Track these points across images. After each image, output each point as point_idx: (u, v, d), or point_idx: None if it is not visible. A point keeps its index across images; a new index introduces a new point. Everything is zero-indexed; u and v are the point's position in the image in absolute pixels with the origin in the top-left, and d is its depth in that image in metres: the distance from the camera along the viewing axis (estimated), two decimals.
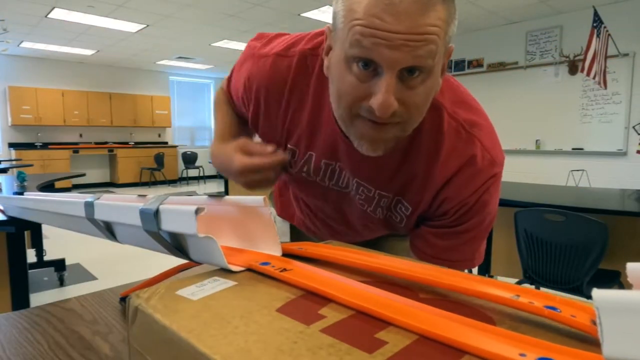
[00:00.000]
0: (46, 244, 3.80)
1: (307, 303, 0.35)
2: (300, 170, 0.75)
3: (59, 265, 3.32)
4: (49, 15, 5.78)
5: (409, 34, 0.49)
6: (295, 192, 0.91)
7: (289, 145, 0.73)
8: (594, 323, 0.29)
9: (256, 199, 0.48)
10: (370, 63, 0.52)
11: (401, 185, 0.69)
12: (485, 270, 2.79)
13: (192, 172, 10.94)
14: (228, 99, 0.90)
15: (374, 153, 0.59)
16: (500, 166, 0.68)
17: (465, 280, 0.37)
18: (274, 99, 0.70)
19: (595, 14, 4.06)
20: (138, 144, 10.16)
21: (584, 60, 4.09)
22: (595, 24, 4.02)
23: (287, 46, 0.70)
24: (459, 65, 6.79)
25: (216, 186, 10.10)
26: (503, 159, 0.69)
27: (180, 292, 0.37)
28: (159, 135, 10.71)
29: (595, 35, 4.00)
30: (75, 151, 9.05)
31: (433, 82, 0.55)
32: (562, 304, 0.32)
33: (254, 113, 0.74)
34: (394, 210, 0.72)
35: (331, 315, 0.32)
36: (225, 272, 0.43)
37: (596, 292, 0.22)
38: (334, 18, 0.56)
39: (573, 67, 5.57)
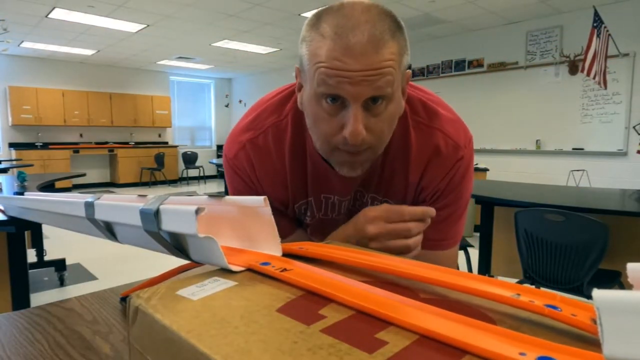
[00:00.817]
0: (46, 244, 3.81)
1: (307, 303, 0.35)
2: (313, 216, 0.82)
3: (59, 265, 3.32)
4: (49, 15, 5.78)
5: (366, 70, 0.57)
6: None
7: (297, 205, 0.81)
8: (594, 322, 0.29)
9: (256, 199, 0.48)
10: (337, 98, 0.60)
11: (386, 186, 0.77)
12: (485, 270, 2.80)
13: (192, 172, 10.95)
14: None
15: (353, 174, 0.68)
16: (465, 148, 0.75)
17: (465, 279, 0.37)
18: (272, 172, 0.77)
19: (596, 14, 4.06)
20: (138, 144, 10.16)
21: (584, 60, 4.09)
22: (595, 24, 4.02)
23: (252, 124, 0.77)
24: (459, 65, 6.79)
25: (216, 186, 10.11)
26: (468, 140, 0.76)
27: (180, 292, 0.37)
28: (159, 135, 10.71)
29: (595, 35, 4.00)
30: (76, 151, 9.06)
31: (395, 107, 0.64)
32: (563, 303, 0.32)
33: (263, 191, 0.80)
34: None
35: (331, 315, 0.32)
36: (225, 272, 0.43)
37: (596, 292, 0.22)
38: (301, 60, 0.64)
39: (573, 67, 5.56)
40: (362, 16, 0.58)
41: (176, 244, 0.49)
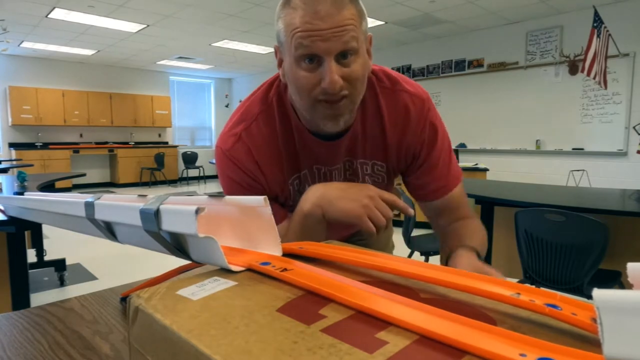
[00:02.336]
0: (46, 244, 3.81)
1: (308, 303, 0.35)
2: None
3: (59, 265, 3.32)
4: (49, 15, 5.78)
5: (333, 28, 0.68)
6: None
7: (292, 178, 0.87)
8: (595, 321, 0.29)
9: (256, 199, 0.48)
10: (314, 57, 0.71)
11: (370, 149, 0.87)
12: None
13: (192, 172, 10.95)
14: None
15: (336, 127, 0.77)
16: (427, 98, 0.87)
17: (466, 279, 0.37)
18: (269, 154, 0.84)
19: (596, 14, 4.06)
20: (138, 144, 10.16)
21: (584, 60, 4.09)
22: (595, 24, 4.02)
23: (243, 117, 0.84)
24: (459, 65, 6.79)
25: (216, 186, 10.10)
26: (425, 91, 0.88)
27: (180, 292, 0.37)
28: (159, 135, 10.71)
29: (595, 35, 4.00)
30: (76, 151, 9.06)
31: (363, 60, 0.74)
32: (563, 302, 0.32)
33: (263, 177, 0.85)
34: (375, 173, 0.90)
35: (331, 315, 0.32)
36: (225, 272, 0.43)
37: (596, 292, 0.22)
38: (278, 36, 0.75)
39: (573, 67, 5.57)
40: None
41: (176, 244, 0.49)
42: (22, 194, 1.07)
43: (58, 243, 4.50)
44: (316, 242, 0.56)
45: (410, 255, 2.88)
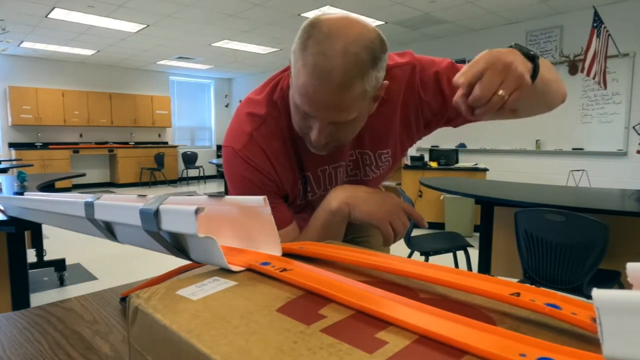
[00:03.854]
0: (46, 244, 3.81)
1: (307, 303, 0.35)
2: (324, 188, 0.90)
3: (59, 265, 3.32)
4: (49, 15, 5.78)
5: (332, 106, 0.67)
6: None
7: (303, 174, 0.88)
8: (594, 321, 0.29)
9: (256, 199, 0.48)
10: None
11: (374, 140, 0.87)
12: (485, 270, 2.80)
13: (192, 172, 10.95)
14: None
15: (322, 153, 0.79)
16: (409, 60, 0.84)
17: (466, 278, 0.37)
18: (280, 154, 0.84)
19: (596, 14, 4.06)
20: (138, 144, 10.16)
21: (584, 60, 4.09)
22: (595, 24, 4.02)
23: (251, 118, 0.84)
24: None
25: (216, 186, 10.10)
26: (406, 53, 0.86)
27: (180, 292, 0.37)
28: (159, 135, 10.71)
29: (595, 35, 4.00)
30: (76, 151, 9.05)
31: (360, 119, 0.73)
32: (563, 302, 0.32)
33: (277, 176, 0.86)
34: (382, 162, 0.92)
35: (331, 315, 0.32)
36: (225, 272, 0.43)
37: (596, 292, 0.22)
38: (291, 60, 0.72)
39: (573, 67, 5.57)
40: (338, 59, 0.65)
41: (176, 244, 0.49)
42: (22, 194, 1.07)
43: (58, 243, 4.50)
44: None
45: (410, 255, 2.88)
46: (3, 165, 5.96)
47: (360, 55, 0.65)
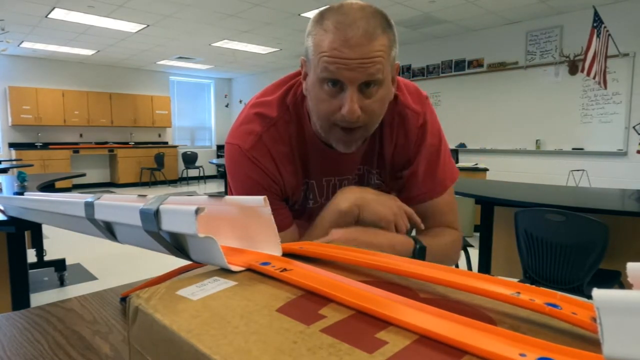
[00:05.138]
0: (46, 244, 3.81)
1: (307, 303, 0.35)
2: (320, 198, 0.90)
3: (59, 265, 3.32)
4: (49, 15, 5.78)
5: (361, 59, 0.68)
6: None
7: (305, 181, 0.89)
8: (595, 320, 0.29)
9: (256, 199, 0.48)
10: (337, 82, 0.71)
11: (375, 160, 0.90)
12: (485, 270, 2.79)
13: (192, 172, 10.95)
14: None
15: (348, 150, 0.80)
16: (430, 116, 0.88)
17: (465, 278, 0.37)
18: (287, 159, 0.85)
19: (596, 14, 4.06)
20: (138, 144, 10.16)
21: (584, 60, 4.09)
22: (595, 24, 4.02)
23: (261, 119, 0.84)
24: (459, 65, 6.79)
25: (216, 186, 10.10)
26: (428, 107, 0.88)
27: (180, 292, 0.37)
28: (159, 135, 10.71)
29: (595, 35, 4.00)
30: (76, 151, 9.05)
31: (386, 91, 0.75)
32: (563, 301, 0.32)
33: (281, 179, 0.86)
34: (376, 182, 0.92)
35: (331, 315, 0.32)
36: (225, 272, 0.43)
37: (596, 292, 0.22)
38: (307, 51, 0.75)
39: (573, 67, 5.57)
40: (358, 14, 0.69)
41: (176, 244, 0.49)
42: (22, 194, 1.07)
43: (58, 243, 4.50)
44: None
45: None
46: (3, 166, 5.96)
47: (377, 11, 0.71)
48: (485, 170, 5.11)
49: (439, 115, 0.92)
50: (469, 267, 2.95)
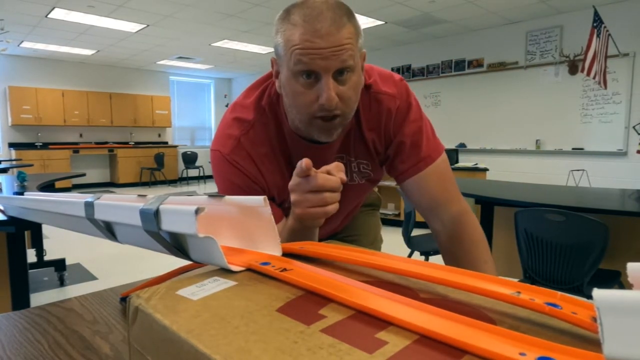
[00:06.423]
0: (46, 244, 3.81)
1: (307, 303, 0.35)
2: None
3: (59, 265, 3.32)
4: (49, 15, 5.78)
5: (332, 47, 0.71)
6: None
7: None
8: (595, 320, 0.29)
9: (256, 199, 0.48)
10: (311, 73, 0.73)
11: (357, 149, 0.91)
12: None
13: (192, 172, 10.94)
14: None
15: (330, 139, 0.81)
16: (406, 96, 0.89)
17: (466, 277, 0.37)
18: (268, 160, 0.86)
19: (596, 13, 4.06)
20: (138, 144, 10.16)
21: (584, 60, 4.09)
22: (595, 24, 4.02)
23: (238, 123, 0.86)
24: (459, 65, 6.79)
25: (216, 186, 10.09)
26: (403, 88, 0.90)
27: (180, 292, 0.37)
28: (159, 135, 10.70)
29: (595, 35, 4.00)
30: (76, 151, 9.05)
31: (357, 77, 0.78)
32: (563, 301, 0.32)
33: (263, 179, 0.87)
34: (361, 171, 0.94)
35: (331, 315, 0.32)
36: (225, 272, 0.43)
37: (596, 292, 0.22)
38: (276, 49, 0.77)
39: (573, 67, 5.56)
40: (323, 6, 0.72)
41: (176, 244, 0.49)
42: (22, 194, 1.07)
43: (58, 243, 4.50)
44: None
45: (410, 255, 2.88)
46: (3, 165, 5.96)
47: (339, 2, 0.74)
48: (485, 170, 5.11)
49: (439, 115, 0.93)
50: None
